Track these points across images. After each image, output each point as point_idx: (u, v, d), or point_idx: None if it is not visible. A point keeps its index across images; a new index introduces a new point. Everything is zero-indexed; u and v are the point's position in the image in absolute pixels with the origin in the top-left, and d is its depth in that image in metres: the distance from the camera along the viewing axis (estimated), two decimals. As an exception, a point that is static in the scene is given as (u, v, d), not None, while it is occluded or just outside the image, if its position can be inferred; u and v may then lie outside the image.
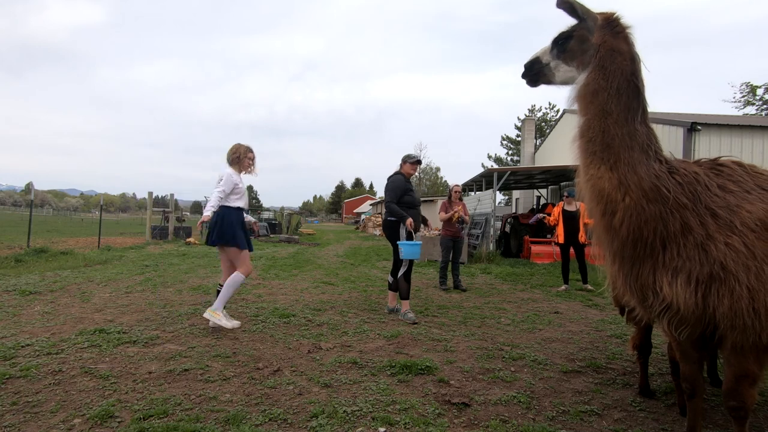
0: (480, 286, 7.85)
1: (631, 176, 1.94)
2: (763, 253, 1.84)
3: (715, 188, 1.96)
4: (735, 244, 1.85)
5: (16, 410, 2.63)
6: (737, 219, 1.88)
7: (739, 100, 29.28)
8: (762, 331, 1.86)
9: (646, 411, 2.87)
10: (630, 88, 1.98)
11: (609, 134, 1.97)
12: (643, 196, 1.93)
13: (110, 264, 9.32)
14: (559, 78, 2.21)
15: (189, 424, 2.47)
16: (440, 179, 59.41)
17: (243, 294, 6.30)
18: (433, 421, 2.62)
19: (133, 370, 3.30)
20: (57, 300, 5.62)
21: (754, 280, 1.82)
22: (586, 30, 2.07)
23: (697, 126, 10.38)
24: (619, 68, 1.98)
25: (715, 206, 1.92)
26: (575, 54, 2.11)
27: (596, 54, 2.01)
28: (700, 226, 1.91)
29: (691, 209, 1.93)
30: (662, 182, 1.93)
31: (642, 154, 1.95)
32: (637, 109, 1.98)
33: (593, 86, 2.01)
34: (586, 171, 2.05)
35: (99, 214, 16.18)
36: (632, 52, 2.02)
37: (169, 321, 4.70)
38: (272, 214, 29.13)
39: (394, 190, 5.30)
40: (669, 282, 1.93)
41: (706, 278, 1.88)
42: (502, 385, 3.23)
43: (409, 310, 5.18)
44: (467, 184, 18.45)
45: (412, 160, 5.49)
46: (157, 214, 19.45)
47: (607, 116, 1.97)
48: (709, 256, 1.88)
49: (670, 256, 1.95)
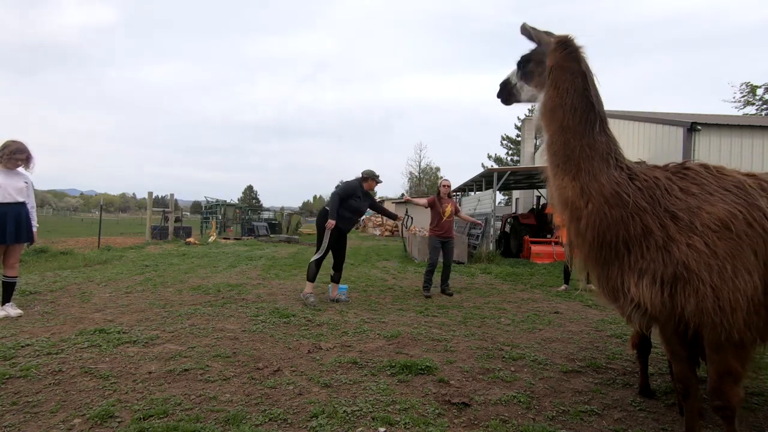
0: (480, 286, 7.84)
1: (593, 184, 2.06)
2: (724, 251, 1.90)
3: (676, 191, 2.03)
4: (696, 244, 1.92)
5: (16, 410, 2.63)
6: (698, 220, 1.95)
7: (739, 100, 29.31)
8: (732, 327, 1.90)
9: (646, 411, 2.87)
10: (584, 102, 2.11)
11: (569, 147, 2.12)
12: (604, 202, 2.04)
13: (110, 264, 9.31)
14: (524, 97, 2.42)
15: (189, 424, 2.47)
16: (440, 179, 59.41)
17: (243, 294, 6.31)
18: (433, 421, 2.62)
19: (133, 370, 3.30)
20: (57, 300, 5.62)
21: (717, 278, 1.88)
22: (542, 53, 2.26)
23: (697, 126, 10.38)
24: (571, 86, 2.13)
25: (676, 209, 1.99)
26: (534, 75, 2.32)
27: (549, 74, 2.18)
28: (660, 228, 1.99)
29: (651, 212, 2.01)
30: (622, 188, 2.03)
31: (602, 163, 2.08)
32: (595, 120, 2.10)
33: (550, 104, 2.17)
34: (553, 182, 2.20)
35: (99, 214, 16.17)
36: (582, 70, 2.14)
37: (169, 321, 4.69)
38: (272, 214, 29.15)
39: (344, 189, 5.98)
40: (635, 283, 2.02)
41: (670, 278, 1.95)
42: (502, 385, 3.23)
43: (312, 294, 5.83)
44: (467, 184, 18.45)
45: (377, 178, 6.25)
46: (157, 214, 19.46)
47: (566, 131, 2.13)
48: (672, 257, 1.94)
49: (634, 258, 2.04)
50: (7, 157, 4.77)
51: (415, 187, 57.23)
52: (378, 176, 6.25)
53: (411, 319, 5.14)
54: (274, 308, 5.38)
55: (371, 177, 6.18)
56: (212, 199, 24.03)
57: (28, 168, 4.98)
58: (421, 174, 57.80)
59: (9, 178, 4.80)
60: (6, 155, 4.76)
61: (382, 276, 8.72)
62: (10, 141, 4.87)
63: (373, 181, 6.22)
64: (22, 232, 4.87)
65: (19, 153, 4.83)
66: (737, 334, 1.91)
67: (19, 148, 4.84)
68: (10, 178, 4.81)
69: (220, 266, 9.36)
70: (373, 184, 6.25)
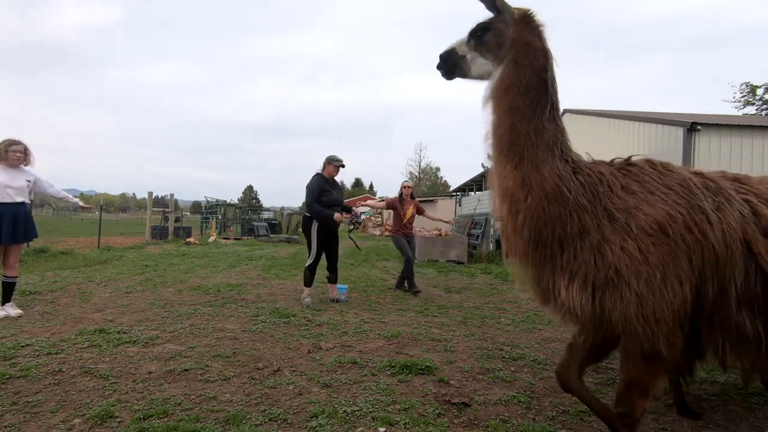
0: (480, 286, 7.84)
1: (534, 176, 1.90)
2: (657, 258, 1.75)
3: (617, 189, 1.89)
4: (630, 248, 1.78)
5: (16, 410, 2.63)
6: (633, 222, 1.80)
7: (739, 100, 29.28)
8: (651, 338, 1.77)
9: (645, 411, 2.86)
10: (539, 83, 1.95)
11: (516, 131, 1.94)
12: (544, 196, 1.89)
13: (110, 264, 9.31)
14: (475, 71, 2.16)
15: (189, 424, 2.47)
16: (440, 179, 59.46)
17: (243, 294, 6.31)
18: (433, 421, 2.62)
19: (133, 370, 3.30)
20: (57, 300, 5.62)
21: (643, 286, 1.74)
22: (503, 23, 2.04)
23: (696, 126, 10.37)
24: (531, 64, 1.96)
25: (614, 208, 1.85)
26: (491, 47, 2.07)
27: (511, 48, 1.99)
28: (596, 228, 1.84)
29: (590, 211, 1.86)
30: (564, 183, 1.88)
31: (548, 153, 1.92)
32: (546, 105, 1.95)
33: (506, 82, 1.98)
34: (495, 168, 2.03)
35: (99, 214, 16.17)
36: (545, 48, 2.01)
37: (169, 321, 4.69)
38: (272, 214, 29.14)
39: (312, 192, 5.67)
40: (566, 286, 1.88)
41: (601, 283, 1.81)
42: (502, 385, 3.23)
43: (309, 295, 5.78)
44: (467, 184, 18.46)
45: (336, 162, 5.83)
46: (157, 214, 19.45)
47: (515, 113, 1.95)
48: (605, 260, 1.80)
49: (567, 259, 1.89)
50: (5, 149, 4.76)
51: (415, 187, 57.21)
52: (338, 160, 5.87)
53: (411, 319, 5.14)
54: (274, 308, 5.38)
55: (329, 161, 5.84)
56: (212, 199, 24.03)
57: (28, 163, 4.97)
58: (421, 174, 57.86)
59: (10, 177, 4.79)
60: (2, 148, 4.76)
61: (382, 276, 8.72)
62: (5, 138, 4.88)
63: (332, 166, 5.83)
64: (19, 232, 4.85)
65: (15, 145, 4.82)
66: (656, 347, 1.79)
67: (14, 141, 4.84)
68: (11, 177, 4.79)
69: (220, 266, 9.36)
70: (333, 168, 5.84)
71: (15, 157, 4.81)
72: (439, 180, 59.38)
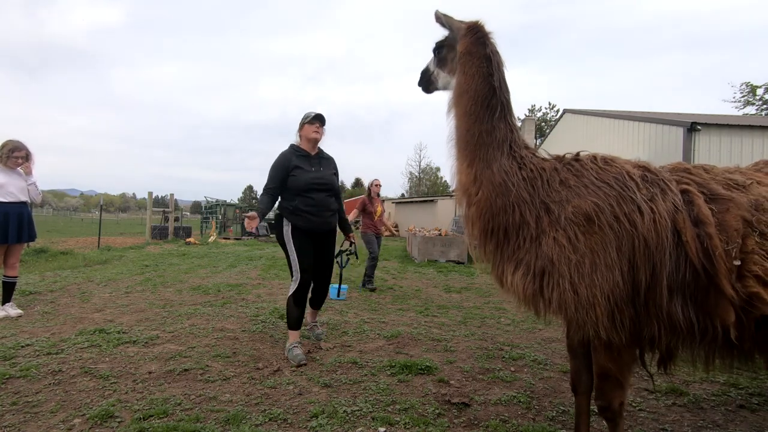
0: (480, 286, 7.84)
1: (485, 172, 2.08)
2: (585, 246, 1.86)
3: (556, 183, 2.02)
4: (560, 238, 1.90)
5: (16, 410, 2.63)
6: (563, 213, 1.94)
7: (739, 100, 29.31)
8: (592, 324, 1.85)
9: (646, 411, 2.87)
10: (487, 88, 2.11)
11: (470, 133, 2.12)
12: (492, 190, 2.05)
13: (110, 264, 9.32)
14: (441, 84, 2.43)
15: (189, 424, 2.47)
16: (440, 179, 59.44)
17: (243, 294, 6.31)
18: (433, 421, 2.62)
19: (133, 370, 3.30)
20: (57, 300, 5.62)
21: (575, 273, 1.86)
22: (454, 39, 2.27)
23: (696, 126, 10.39)
24: (477, 70, 2.13)
25: (550, 201, 1.99)
26: (447, 61, 2.35)
27: (460, 60, 2.19)
28: (534, 220, 1.99)
29: (530, 204, 2.01)
30: (509, 177, 2.04)
31: (497, 151, 2.08)
32: (496, 106, 2.11)
33: (459, 89, 2.18)
34: (455, 167, 2.23)
35: (99, 214, 16.17)
36: (487, 54, 2.14)
37: (169, 321, 4.69)
38: (272, 215, 29.13)
39: (272, 169, 3.77)
40: (512, 273, 2.04)
41: (540, 271, 1.95)
42: (502, 385, 3.23)
43: (296, 343, 3.69)
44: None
45: (309, 119, 3.81)
46: (157, 214, 19.45)
47: (469, 116, 2.13)
48: (542, 250, 1.95)
49: (512, 249, 2.05)
50: (6, 155, 4.78)
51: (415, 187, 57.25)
52: (311, 114, 3.84)
53: (411, 319, 5.14)
54: (274, 308, 5.38)
55: (301, 122, 3.88)
56: (212, 199, 24.04)
57: (30, 171, 4.98)
58: (421, 174, 57.86)
59: (11, 178, 4.81)
60: (5, 154, 4.78)
61: (382, 276, 8.72)
62: (7, 140, 4.89)
63: (306, 126, 3.82)
64: (24, 232, 4.88)
65: (18, 151, 4.84)
66: (603, 333, 1.86)
67: (16, 146, 4.85)
68: (12, 178, 4.81)
69: (220, 266, 9.36)
70: (309, 129, 3.81)
71: (17, 163, 4.85)
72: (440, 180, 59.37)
